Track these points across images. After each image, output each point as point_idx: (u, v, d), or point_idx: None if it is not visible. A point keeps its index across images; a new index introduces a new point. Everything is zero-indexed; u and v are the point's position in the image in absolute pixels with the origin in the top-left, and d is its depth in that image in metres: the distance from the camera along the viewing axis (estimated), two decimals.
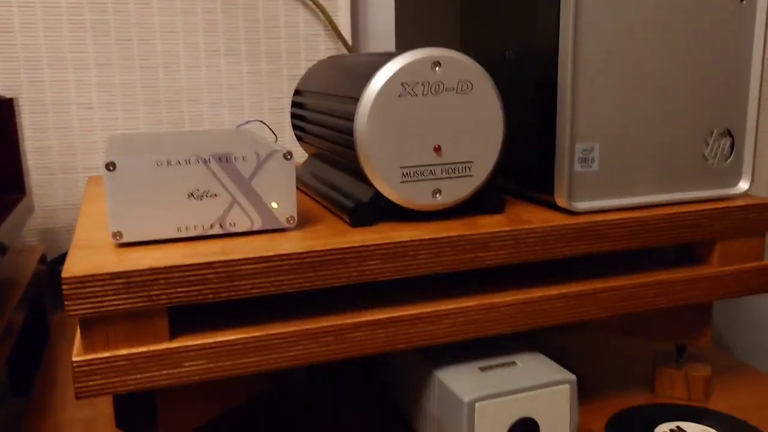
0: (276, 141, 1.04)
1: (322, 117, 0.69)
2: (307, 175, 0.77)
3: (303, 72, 1.09)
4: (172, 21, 1.01)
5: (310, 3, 1.06)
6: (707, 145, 0.67)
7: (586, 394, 0.75)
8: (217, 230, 0.58)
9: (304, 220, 0.64)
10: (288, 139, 1.09)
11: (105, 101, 1.01)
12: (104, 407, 0.72)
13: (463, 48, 0.77)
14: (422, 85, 0.58)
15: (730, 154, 0.68)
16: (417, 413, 0.65)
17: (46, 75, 0.98)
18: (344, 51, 1.09)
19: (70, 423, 0.70)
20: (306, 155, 0.94)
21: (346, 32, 1.09)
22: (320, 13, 1.07)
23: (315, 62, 0.98)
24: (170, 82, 1.03)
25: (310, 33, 1.08)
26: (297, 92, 0.82)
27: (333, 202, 0.65)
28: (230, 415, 0.75)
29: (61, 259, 1.01)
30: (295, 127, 0.83)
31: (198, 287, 0.52)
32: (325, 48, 1.09)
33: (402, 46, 0.97)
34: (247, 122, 1.06)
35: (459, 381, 0.59)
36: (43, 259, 0.95)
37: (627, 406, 0.71)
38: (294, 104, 0.83)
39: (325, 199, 0.68)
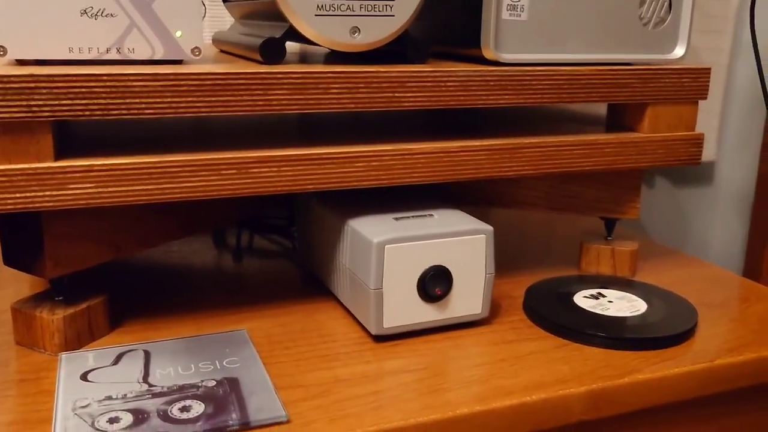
0: None
1: None
2: (229, 35, 0.73)
3: None
4: None
5: None
6: (644, 2, 0.64)
7: (510, 268, 0.73)
8: (114, 55, 0.53)
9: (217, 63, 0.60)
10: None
11: None
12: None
13: None
14: None
15: (668, 16, 0.65)
16: (331, 272, 0.63)
17: None
18: None
19: None
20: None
21: None
22: None
23: None
24: None
25: None
26: None
27: (247, 46, 0.61)
28: (125, 262, 0.72)
29: None
30: None
31: (84, 101, 0.48)
32: None
33: None
34: None
35: (371, 227, 0.57)
36: None
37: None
38: None
39: (241, 47, 0.64)
